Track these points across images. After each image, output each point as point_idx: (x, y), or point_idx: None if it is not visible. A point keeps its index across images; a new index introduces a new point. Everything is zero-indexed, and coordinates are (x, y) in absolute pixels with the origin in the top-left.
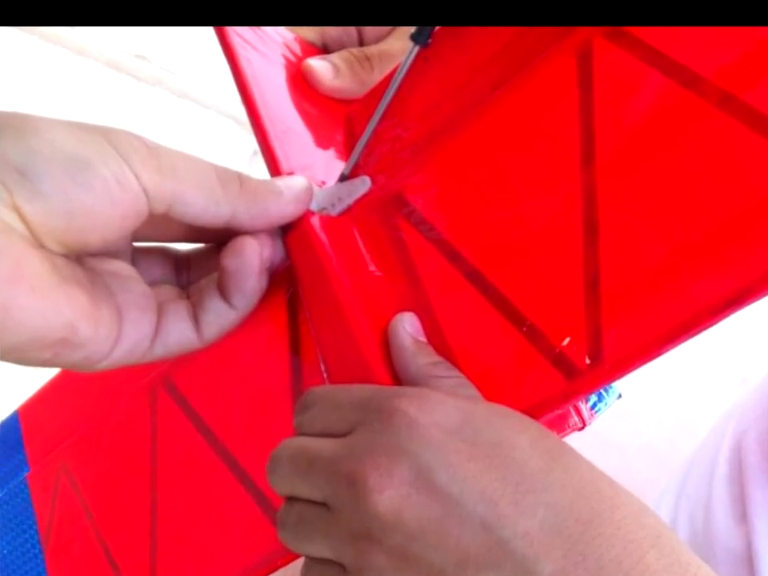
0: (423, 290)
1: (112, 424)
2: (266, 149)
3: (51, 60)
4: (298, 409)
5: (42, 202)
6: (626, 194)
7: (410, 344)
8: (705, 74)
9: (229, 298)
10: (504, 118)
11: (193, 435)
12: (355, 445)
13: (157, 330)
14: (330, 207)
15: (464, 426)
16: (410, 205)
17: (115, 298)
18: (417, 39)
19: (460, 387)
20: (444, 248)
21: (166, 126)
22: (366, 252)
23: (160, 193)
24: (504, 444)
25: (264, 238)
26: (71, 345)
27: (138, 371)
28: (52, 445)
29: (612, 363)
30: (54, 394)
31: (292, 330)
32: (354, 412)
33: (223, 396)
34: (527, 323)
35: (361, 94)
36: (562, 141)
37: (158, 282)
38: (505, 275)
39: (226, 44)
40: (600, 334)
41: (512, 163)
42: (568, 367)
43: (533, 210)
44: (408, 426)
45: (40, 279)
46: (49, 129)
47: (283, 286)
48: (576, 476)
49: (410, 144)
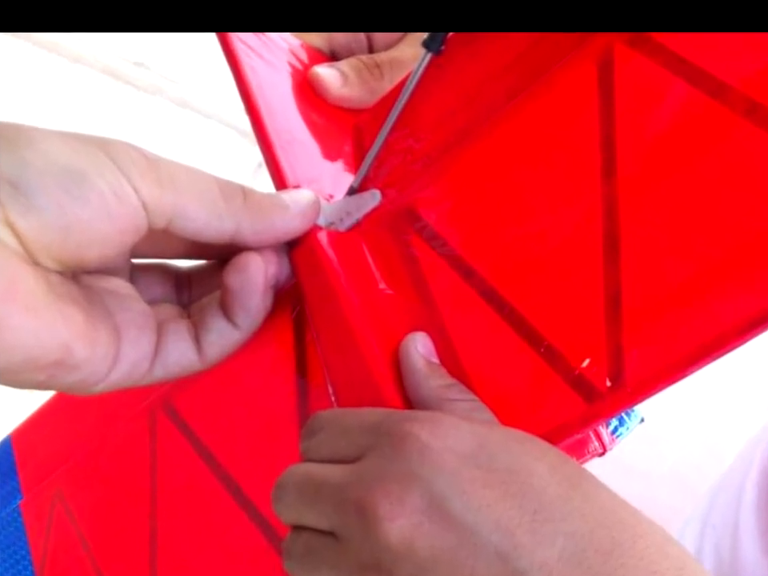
0: (436, 308)
1: (109, 450)
2: (270, 161)
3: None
4: (305, 434)
5: (35, 216)
6: (648, 208)
7: (422, 366)
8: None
9: (232, 318)
10: (521, 129)
11: (194, 461)
12: (365, 471)
13: (156, 350)
14: (338, 222)
15: (479, 452)
16: (422, 219)
17: (113, 317)
18: (429, 46)
19: (475, 411)
20: (458, 265)
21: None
22: (375, 269)
23: (160, 207)
24: (521, 470)
25: (269, 254)
26: (66, 366)
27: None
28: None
29: (634, 385)
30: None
31: (298, 350)
32: (363, 437)
33: (226, 420)
34: (545, 344)
35: (370, 104)
36: (581, 152)
37: (158, 300)
38: (522, 293)
39: (229, 51)
40: (621, 355)
41: (529, 176)
42: (588, 390)
43: (551, 224)
44: (420, 452)
45: (34, 298)
46: (43, 140)
47: (289, 304)
48: (596, 504)
49: (422, 156)
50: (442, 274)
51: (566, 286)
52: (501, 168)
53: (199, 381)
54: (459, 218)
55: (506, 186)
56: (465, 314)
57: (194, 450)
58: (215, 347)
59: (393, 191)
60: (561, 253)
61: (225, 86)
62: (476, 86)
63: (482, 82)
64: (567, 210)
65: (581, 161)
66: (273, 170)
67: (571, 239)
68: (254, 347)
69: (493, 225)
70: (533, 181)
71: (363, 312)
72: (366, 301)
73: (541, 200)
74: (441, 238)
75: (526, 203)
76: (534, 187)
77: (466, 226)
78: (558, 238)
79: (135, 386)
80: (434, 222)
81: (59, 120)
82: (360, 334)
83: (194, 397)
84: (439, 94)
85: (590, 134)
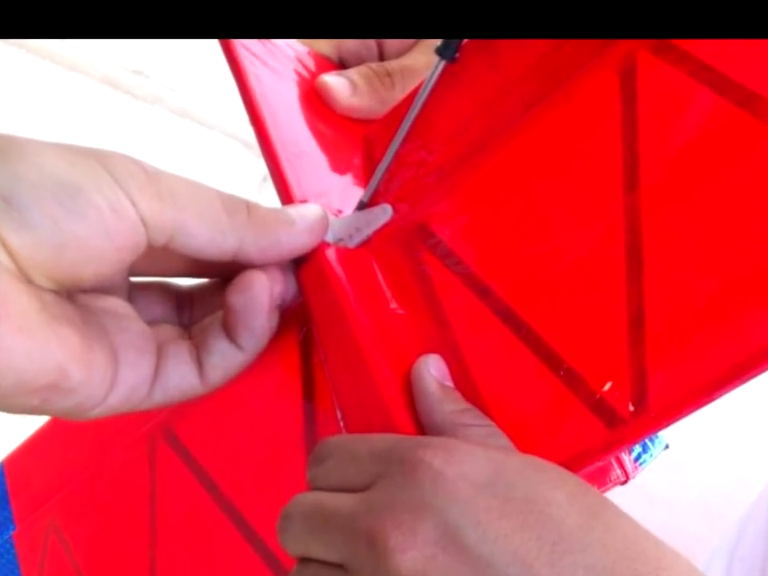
0: (450, 329)
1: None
2: (276, 174)
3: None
4: (312, 461)
5: (29, 232)
6: (673, 223)
7: (435, 389)
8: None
9: (235, 339)
10: (539, 140)
11: (196, 490)
12: (375, 500)
13: (156, 373)
14: (347, 238)
15: (495, 480)
16: (436, 236)
17: (110, 338)
18: (443, 53)
19: (490, 437)
20: (473, 283)
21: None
22: (386, 288)
23: (160, 222)
24: (539, 500)
25: (274, 272)
26: (61, 390)
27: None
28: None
29: (658, 410)
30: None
31: (305, 373)
32: (373, 464)
33: (229, 447)
34: (564, 366)
35: (381, 114)
36: (603, 165)
37: (158, 320)
38: (540, 313)
39: (233, 58)
40: (645, 379)
41: (548, 189)
42: (609, 415)
43: (571, 241)
44: (433, 480)
45: (27, 317)
46: (37, 152)
47: (295, 325)
48: (618, 535)
49: (435, 168)
50: (456, 293)
51: (586, 306)
52: (518, 182)
53: (201, 405)
54: (474, 234)
55: (524, 201)
56: (480, 335)
57: (196, 479)
58: (218, 370)
59: (404, 206)
60: (581, 270)
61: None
62: (492, 95)
63: (499, 91)
64: (588, 226)
65: (602, 174)
66: (278, 183)
67: (592, 256)
68: (258, 370)
69: (509, 241)
70: (551, 195)
71: (373, 333)
72: (376, 321)
73: (560, 215)
74: (455, 256)
75: (544, 218)
76: (553, 202)
77: (481, 242)
78: (578, 254)
79: (133, 410)
80: (447, 239)
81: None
82: (370, 356)
83: (196, 422)
84: (453, 104)
85: (612, 145)
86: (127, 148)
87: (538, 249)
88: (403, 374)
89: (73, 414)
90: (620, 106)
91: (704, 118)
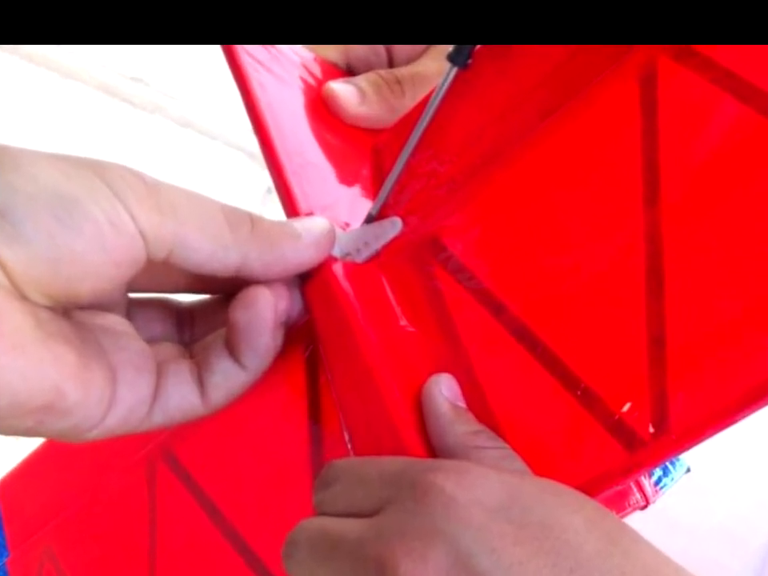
0: (462, 347)
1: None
2: (281, 186)
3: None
4: (319, 485)
5: (23, 247)
6: (695, 238)
7: (447, 410)
8: None
9: (238, 358)
10: (555, 151)
11: (197, 515)
12: (384, 526)
13: (156, 393)
14: (354, 253)
15: (509, 505)
16: (447, 250)
17: (108, 357)
18: (455, 59)
19: (505, 459)
20: (486, 299)
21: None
22: (396, 304)
23: (159, 236)
24: (555, 525)
25: (279, 288)
26: (57, 411)
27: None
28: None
29: (679, 432)
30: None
31: (311, 394)
32: (382, 488)
33: (232, 470)
34: (582, 386)
35: (390, 123)
36: (621, 177)
37: (157, 338)
38: (556, 331)
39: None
40: (665, 399)
41: (564, 202)
42: (629, 437)
43: (588, 256)
44: (445, 505)
45: (21, 335)
46: (31, 163)
47: (301, 343)
48: (638, 562)
49: (447, 180)
50: (468, 310)
51: (604, 324)
52: (533, 194)
53: (202, 427)
54: (488, 248)
55: (539, 214)
56: (494, 353)
57: (197, 503)
58: (220, 390)
59: (415, 219)
60: (599, 287)
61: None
62: (506, 103)
63: (513, 99)
64: (606, 241)
65: (621, 186)
66: (284, 195)
67: (611, 272)
68: (262, 390)
69: (524, 256)
70: (568, 208)
71: (382, 351)
72: (385, 339)
73: (577, 229)
74: (468, 271)
75: (560, 233)
76: (570, 215)
77: (495, 257)
78: (597, 270)
79: (132, 432)
80: (460, 253)
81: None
82: (379, 376)
83: (197, 444)
84: (466, 113)
85: (632, 156)
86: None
87: (554, 264)
88: (414, 395)
89: (69, 435)
90: (640, 116)
91: (728, 128)
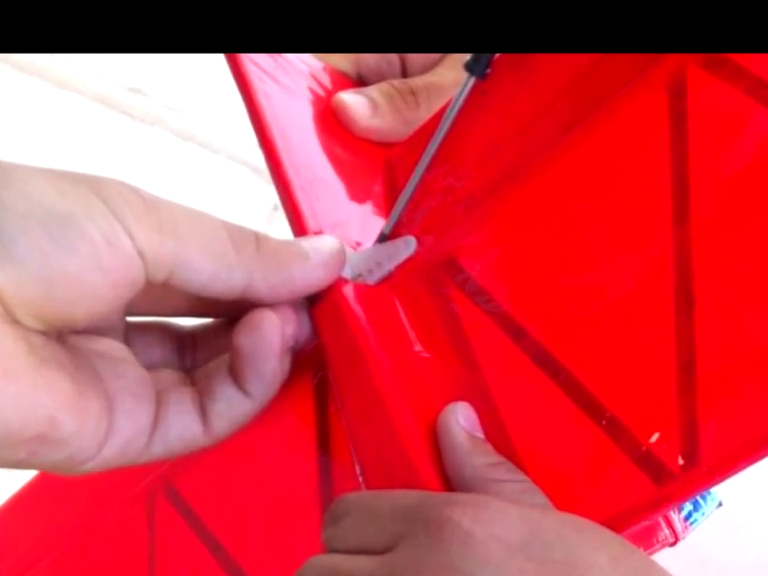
0: (480, 374)
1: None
2: (288, 203)
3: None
4: (328, 520)
5: (15, 267)
6: (727, 257)
7: (464, 441)
8: None
9: (243, 385)
10: (578, 166)
11: (199, 551)
12: (398, 563)
13: (155, 423)
14: (366, 274)
15: (530, 541)
16: (464, 271)
17: (105, 384)
18: (472, 69)
19: (525, 493)
20: (505, 323)
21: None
22: (410, 328)
23: (159, 256)
24: (579, 563)
25: (286, 311)
26: (51, 441)
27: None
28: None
29: (710, 464)
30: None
31: (320, 423)
32: (395, 523)
33: (235, 504)
34: (607, 415)
35: (404, 136)
36: (649, 193)
37: (157, 364)
38: (580, 357)
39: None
40: (696, 429)
41: (588, 221)
42: (657, 469)
43: (614, 277)
44: (462, 541)
45: (13, 361)
46: (24, 179)
47: (310, 369)
48: None
49: (464, 197)
50: (486, 335)
51: (631, 349)
52: (555, 211)
53: (205, 458)
54: (507, 269)
55: (561, 233)
56: (514, 380)
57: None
58: (223, 419)
59: (430, 238)
60: (625, 311)
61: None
62: (527, 115)
63: (534, 111)
64: (633, 260)
65: (648, 203)
66: (291, 213)
67: (637, 294)
68: (268, 419)
69: (546, 278)
70: (592, 226)
71: (396, 378)
72: (398, 365)
73: (601, 249)
74: (486, 293)
75: (584, 253)
76: (594, 234)
77: (514, 278)
78: (622, 293)
79: (130, 464)
80: (477, 274)
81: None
82: (392, 404)
83: (199, 476)
84: (484, 125)
85: (660, 171)
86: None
87: (578, 286)
88: (429, 424)
89: (63, 468)
90: (668, 128)
91: (762, 141)
